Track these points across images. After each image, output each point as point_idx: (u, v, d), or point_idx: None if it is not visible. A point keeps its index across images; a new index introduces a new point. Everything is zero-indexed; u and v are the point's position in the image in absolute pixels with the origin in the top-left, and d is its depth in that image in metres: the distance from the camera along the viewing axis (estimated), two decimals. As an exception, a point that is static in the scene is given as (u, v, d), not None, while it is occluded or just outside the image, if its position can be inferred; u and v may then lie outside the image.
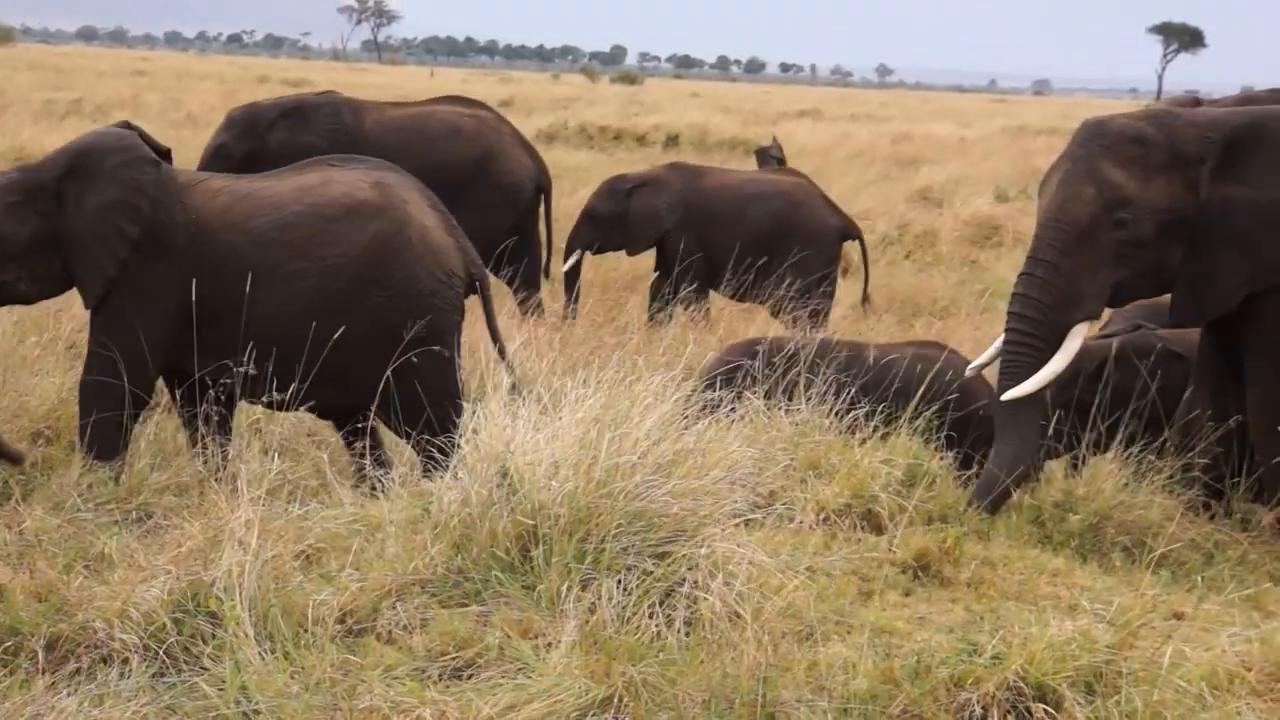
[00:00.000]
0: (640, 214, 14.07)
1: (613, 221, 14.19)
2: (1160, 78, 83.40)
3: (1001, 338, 8.58)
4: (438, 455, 7.68)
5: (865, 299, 14.57)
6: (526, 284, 13.82)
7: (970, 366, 8.93)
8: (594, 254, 14.57)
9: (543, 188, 14.11)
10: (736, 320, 13.06)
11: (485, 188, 13.68)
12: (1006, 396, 8.32)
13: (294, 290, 8.08)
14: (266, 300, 8.04)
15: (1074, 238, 8.26)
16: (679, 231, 13.89)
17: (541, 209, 14.16)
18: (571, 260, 14.29)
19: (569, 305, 14.11)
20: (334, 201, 8.22)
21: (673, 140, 33.46)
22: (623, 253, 14.73)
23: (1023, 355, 8.35)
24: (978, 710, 5.55)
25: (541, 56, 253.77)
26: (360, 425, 8.52)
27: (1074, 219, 8.27)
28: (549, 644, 5.87)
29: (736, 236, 13.76)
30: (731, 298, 13.91)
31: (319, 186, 8.30)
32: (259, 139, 13.44)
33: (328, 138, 13.16)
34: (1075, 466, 8.90)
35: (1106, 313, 9.33)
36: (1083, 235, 8.26)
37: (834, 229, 14.20)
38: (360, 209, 8.20)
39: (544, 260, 14.28)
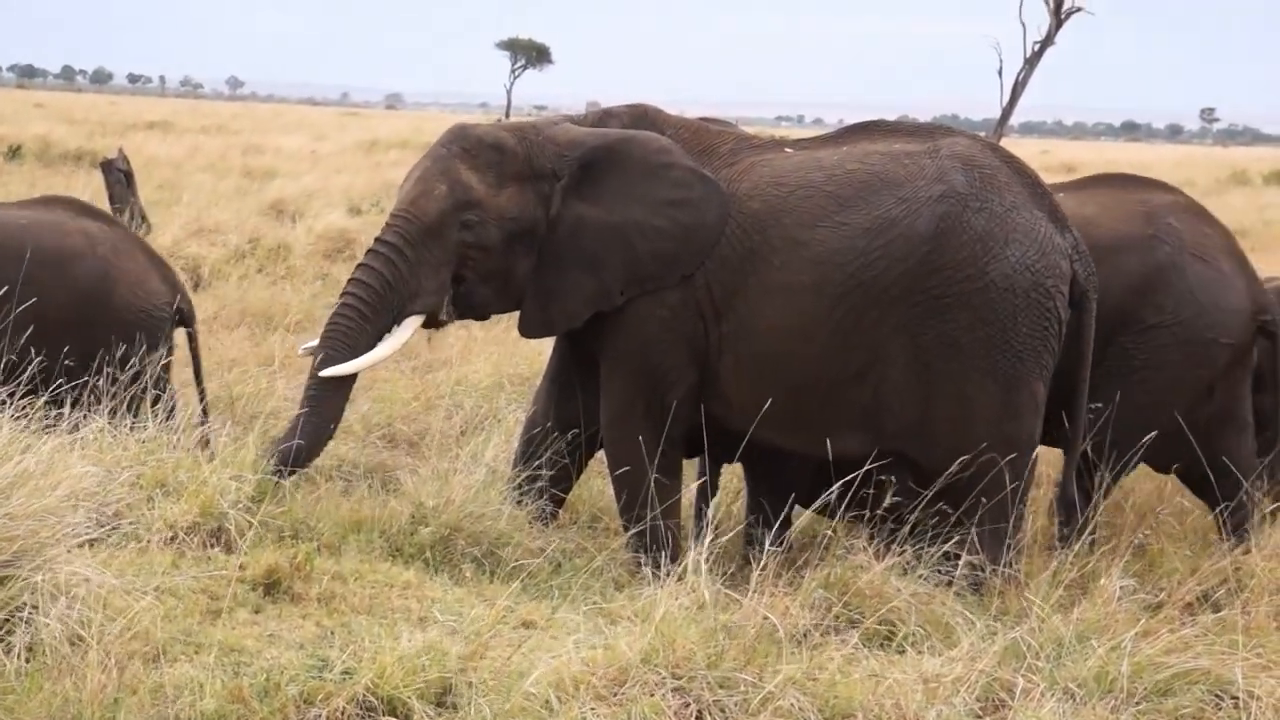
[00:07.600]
0: None
1: None
2: (509, 93, 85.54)
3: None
4: None
5: None
6: None
7: (302, 348, 8.83)
8: None
9: None
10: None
11: None
12: (327, 373, 8.28)
13: None
14: None
15: (421, 231, 8.33)
16: None
17: None
18: None
19: None
20: None
21: (15, 152, 32.08)
22: None
23: (348, 327, 8.33)
24: (328, 726, 5.54)
25: None
26: None
27: (423, 212, 8.34)
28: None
29: None
30: None
31: None
32: None
33: None
34: None
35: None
36: (429, 230, 8.34)
37: None
38: None
39: None
